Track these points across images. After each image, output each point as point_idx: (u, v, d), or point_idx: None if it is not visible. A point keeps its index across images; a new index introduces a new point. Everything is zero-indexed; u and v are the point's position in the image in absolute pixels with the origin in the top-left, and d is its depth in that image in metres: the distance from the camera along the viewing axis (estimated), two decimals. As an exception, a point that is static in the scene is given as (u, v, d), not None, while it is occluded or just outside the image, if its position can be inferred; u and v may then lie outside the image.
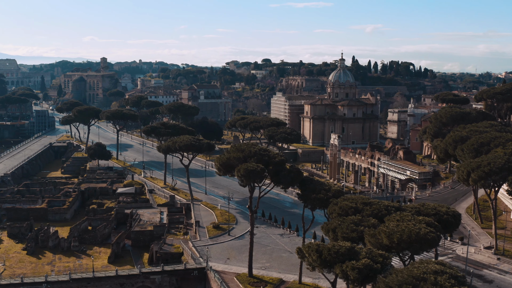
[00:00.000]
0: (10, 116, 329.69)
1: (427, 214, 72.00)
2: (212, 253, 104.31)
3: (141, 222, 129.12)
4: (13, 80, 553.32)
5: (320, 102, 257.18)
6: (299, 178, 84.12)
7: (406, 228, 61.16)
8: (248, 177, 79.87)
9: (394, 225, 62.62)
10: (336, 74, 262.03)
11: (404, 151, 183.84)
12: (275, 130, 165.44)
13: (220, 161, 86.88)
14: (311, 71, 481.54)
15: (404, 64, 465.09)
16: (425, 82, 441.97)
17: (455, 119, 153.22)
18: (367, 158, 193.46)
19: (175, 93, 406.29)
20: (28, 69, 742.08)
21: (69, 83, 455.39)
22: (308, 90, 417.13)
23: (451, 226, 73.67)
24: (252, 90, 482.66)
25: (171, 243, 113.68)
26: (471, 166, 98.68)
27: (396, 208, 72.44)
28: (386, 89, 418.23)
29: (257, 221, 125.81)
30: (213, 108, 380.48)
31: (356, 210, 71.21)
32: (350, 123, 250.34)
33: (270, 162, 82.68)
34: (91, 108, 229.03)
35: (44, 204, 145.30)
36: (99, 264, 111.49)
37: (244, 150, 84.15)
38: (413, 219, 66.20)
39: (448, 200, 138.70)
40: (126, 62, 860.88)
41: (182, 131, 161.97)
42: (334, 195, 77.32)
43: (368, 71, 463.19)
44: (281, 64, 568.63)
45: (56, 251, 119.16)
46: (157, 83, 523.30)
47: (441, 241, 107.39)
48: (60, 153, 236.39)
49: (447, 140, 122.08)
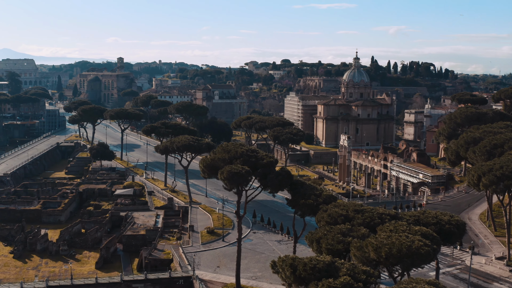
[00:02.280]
0: (22, 116, 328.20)
1: (427, 223, 64.61)
2: (202, 260, 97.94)
3: (134, 225, 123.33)
4: (31, 80, 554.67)
5: (334, 102, 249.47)
6: (288, 181, 77.19)
7: (397, 240, 53.83)
8: (232, 180, 73.20)
9: (384, 237, 55.34)
10: (351, 74, 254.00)
11: (418, 153, 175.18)
12: (280, 130, 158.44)
13: (204, 163, 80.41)
14: (329, 72, 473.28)
15: (424, 65, 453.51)
16: (445, 83, 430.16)
17: (470, 119, 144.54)
18: (380, 160, 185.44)
19: (190, 93, 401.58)
20: (47, 69, 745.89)
21: (84, 83, 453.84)
22: (325, 90, 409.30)
23: (453, 237, 66.10)
24: (270, 91, 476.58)
25: (162, 249, 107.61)
26: (482, 170, 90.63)
27: (392, 216, 64.98)
28: (405, 90, 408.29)
29: (256, 226, 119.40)
30: (227, 109, 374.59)
31: (346, 218, 64.03)
32: (364, 124, 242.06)
33: (257, 164, 75.88)
34: (96, 107, 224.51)
35: (39, 205, 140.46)
36: (86, 270, 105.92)
37: (230, 150, 77.53)
38: (409, 230, 58.79)
39: (461, 205, 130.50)
40: (146, 62, 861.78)
41: (183, 131, 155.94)
42: (325, 201, 70.23)
43: (387, 72, 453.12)
44: (299, 65, 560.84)
45: (44, 255, 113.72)
46: (174, 83, 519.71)
47: (450, 250, 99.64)
48: (67, 153, 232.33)
49: (459, 142, 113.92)
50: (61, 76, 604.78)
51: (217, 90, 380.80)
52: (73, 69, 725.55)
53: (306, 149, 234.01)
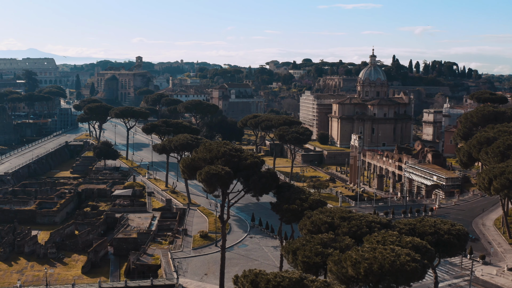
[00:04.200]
0: (37, 115, 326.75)
1: (423, 233, 57.29)
2: (191, 266, 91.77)
3: (128, 228, 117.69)
4: (51, 79, 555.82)
5: (349, 101, 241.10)
6: (273, 184, 70.36)
7: (379, 255, 46.71)
8: (210, 182, 66.77)
9: (367, 250, 48.19)
10: (367, 72, 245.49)
11: (433, 154, 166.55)
12: (286, 129, 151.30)
13: (184, 163, 74.05)
14: (350, 71, 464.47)
15: (447, 64, 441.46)
16: (468, 82, 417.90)
17: (487, 119, 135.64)
18: (394, 162, 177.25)
19: (206, 92, 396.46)
20: (69, 69, 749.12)
21: (101, 82, 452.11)
22: (345, 90, 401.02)
23: (453, 249, 58.54)
24: (289, 90, 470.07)
25: (152, 254, 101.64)
26: (493, 172, 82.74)
27: (383, 225, 57.70)
28: (427, 90, 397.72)
29: (253, 230, 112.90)
30: (244, 108, 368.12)
31: (331, 226, 57.06)
32: (381, 123, 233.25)
33: (240, 164, 69.21)
34: (102, 105, 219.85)
35: (34, 205, 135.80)
36: (72, 274, 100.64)
37: (212, 150, 71.07)
38: (399, 241, 51.56)
39: (475, 210, 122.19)
40: (169, 62, 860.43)
41: (184, 130, 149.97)
42: (311, 206, 63.27)
43: (409, 71, 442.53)
44: (320, 64, 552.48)
45: (31, 258, 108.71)
46: (193, 82, 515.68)
47: (459, 259, 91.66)
48: (76, 152, 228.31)
49: (471, 142, 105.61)
50: (82, 75, 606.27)
51: (233, 89, 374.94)
52: (94, 68, 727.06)
53: (320, 149, 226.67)
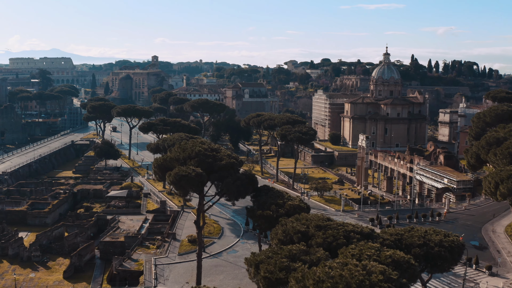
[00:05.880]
0: (48, 114, 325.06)
1: (411, 244, 50.61)
2: (173, 274, 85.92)
3: (117, 231, 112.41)
4: (68, 79, 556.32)
5: (361, 100, 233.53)
6: (249, 187, 64.07)
7: (348, 273, 40.12)
8: (179, 184, 60.82)
9: (337, 266, 41.58)
10: (380, 70, 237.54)
11: (445, 156, 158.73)
12: (289, 129, 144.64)
13: (156, 163, 68.20)
14: (367, 70, 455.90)
15: (467, 64, 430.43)
16: (489, 83, 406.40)
17: (501, 118, 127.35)
18: (406, 163, 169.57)
19: (220, 92, 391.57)
20: (88, 69, 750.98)
21: (116, 81, 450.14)
22: (362, 89, 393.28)
23: (443, 263, 51.50)
24: (306, 90, 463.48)
25: (137, 259, 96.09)
26: (500, 176, 75.29)
27: (364, 235, 50.95)
28: (446, 90, 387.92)
29: (246, 235, 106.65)
30: (258, 107, 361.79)
31: (304, 236, 50.57)
32: (394, 123, 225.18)
33: (214, 165, 63.07)
34: (105, 103, 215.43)
35: (25, 206, 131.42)
36: (54, 279, 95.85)
37: (186, 149, 65.10)
38: (377, 255, 44.94)
39: (486, 215, 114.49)
40: (188, 62, 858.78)
41: (182, 128, 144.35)
42: (287, 213, 56.86)
43: (428, 71, 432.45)
44: (337, 64, 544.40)
45: (15, 261, 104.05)
46: (209, 82, 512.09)
47: (463, 269, 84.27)
48: (82, 152, 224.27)
49: (480, 143, 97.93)
50: (100, 75, 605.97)
51: (247, 88, 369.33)
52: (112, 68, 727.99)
53: (331, 150, 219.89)
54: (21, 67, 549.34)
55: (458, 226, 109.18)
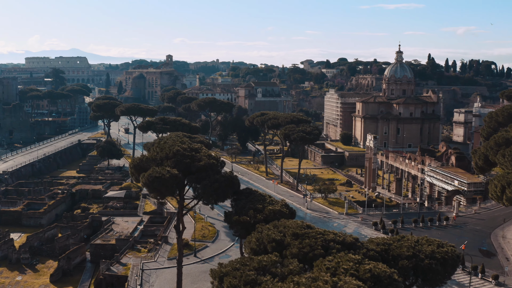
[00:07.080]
0: (59, 113, 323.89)
1: (398, 256, 45.61)
2: (159, 280, 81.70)
3: (109, 233, 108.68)
4: (83, 78, 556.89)
5: (373, 99, 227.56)
6: (228, 191, 59.45)
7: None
8: (152, 186, 56.52)
9: (305, 282, 36.87)
10: (392, 69, 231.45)
11: (457, 157, 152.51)
12: (292, 128, 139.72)
13: (132, 163, 63.95)
14: (383, 70, 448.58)
15: (485, 63, 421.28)
16: (507, 82, 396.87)
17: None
18: (417, 164, 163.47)
19: (233, 91, 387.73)
20: (104, 68, 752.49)
21: (129, 80, 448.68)
22: (377, 89, 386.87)
23: (434, 276, 46.31)
24: (321, 89, 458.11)
25: (126, 263, 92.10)
26: (507, 179, 69.66)
27: (346, 245, 45.88)
28: (463, 90, 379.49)
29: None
30: (271, 107, 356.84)
31: (279, 245, 45.83)
32: (406, 123, 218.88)
33: (192, 166, 58.63)
34: (109, 102, 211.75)
35: (20, 206, 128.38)
36: (40, 283, 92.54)
37: (164, 148, 60.74)
38: (355, 269, 40.08)
39: (496, 220, 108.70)
40: (205, 62, 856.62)
41: (182, 127, 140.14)
42: (266, 219, 52.18)
43: (445, 71, 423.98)
44: (353, 63, 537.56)
45: (3, 263, 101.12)
46: (224, 81, 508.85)
47: (467, 278, 78.79)
48: (89, 151, 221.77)
49: (489, 143, 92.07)
50: (115, 74, 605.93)
51: (260, 87, 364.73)
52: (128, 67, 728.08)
53: (341, 150, 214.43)
54: (37, 66, 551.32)
55: (466, 231, 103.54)
